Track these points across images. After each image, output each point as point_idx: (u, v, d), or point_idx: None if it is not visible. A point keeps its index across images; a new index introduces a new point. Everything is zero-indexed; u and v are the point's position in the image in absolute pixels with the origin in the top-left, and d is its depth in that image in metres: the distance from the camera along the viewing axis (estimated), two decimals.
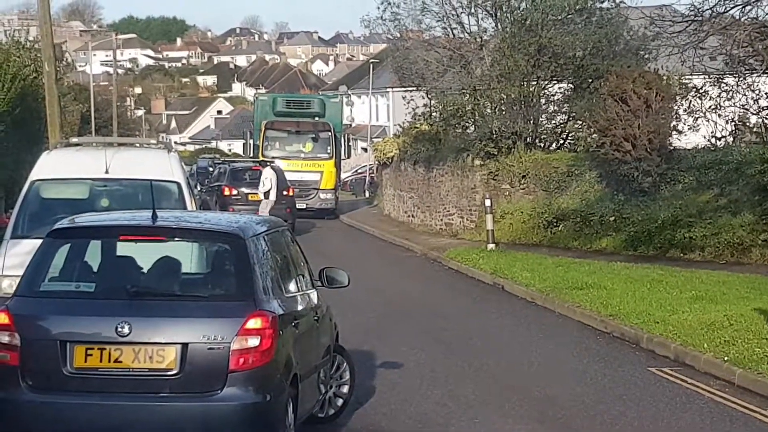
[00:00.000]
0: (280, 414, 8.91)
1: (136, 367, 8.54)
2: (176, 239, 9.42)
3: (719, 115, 28.37)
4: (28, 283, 9.01)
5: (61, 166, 14.65)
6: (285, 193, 35.59)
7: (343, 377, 11.37)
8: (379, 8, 34.97)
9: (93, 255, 9.38)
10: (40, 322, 8.77)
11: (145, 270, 9.27)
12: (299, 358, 9.41)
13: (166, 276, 9.23)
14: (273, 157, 41.26)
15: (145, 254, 9.34)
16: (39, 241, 9.46)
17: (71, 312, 8.80)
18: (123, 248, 9.45)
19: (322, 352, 10.69)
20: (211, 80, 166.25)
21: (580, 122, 32.08)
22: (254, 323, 8.65)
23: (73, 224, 9.66)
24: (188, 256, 9.62)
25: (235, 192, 35.26)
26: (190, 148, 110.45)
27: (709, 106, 28.40)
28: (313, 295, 10.60)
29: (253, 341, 8.61)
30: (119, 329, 8.53)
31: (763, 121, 27.91)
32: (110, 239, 9.39)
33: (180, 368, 8.53)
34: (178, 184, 14.42)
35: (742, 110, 28.28)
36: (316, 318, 10.44)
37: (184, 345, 8.54)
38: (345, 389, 11.37)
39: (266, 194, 32.91)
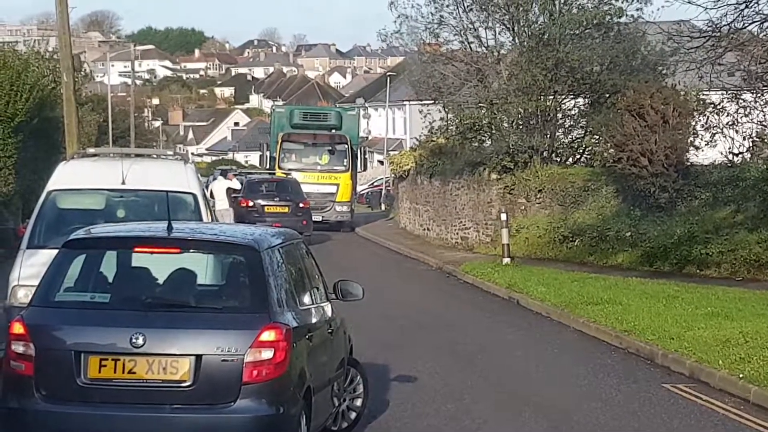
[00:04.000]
0: (293, 427, 8.90)
1: (150, 378, 8.54)
2: (191, 251, 9.40)
3: (737, 131, 28.31)
4: (44, 294, 9.01)
5: (78, 176, 14.68)
6: (301, 205, 35.63)
7: (356, 390, 11.35)
8: (396, 22, 35.02)
9: (108, 266, 9.39)
10: (54, 332, 8.77)
11: (159, 281, 9.28)
12: (313, 371, 9.40)
13: (181, 287, 9.22)
14: (289, 169, 41.35)
15: (160, 265, 9.34)
16: (55, 252, 9.48)
17: (86, 322, 8.79)
18: (138, 259, 9.45)
19: (336, 365, 10.67)
20: (228, 92, 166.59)
21: (597, 137, 32.06)
22: (268, 335, 8.65)
23: (88, 235, 9.68)
24: (203, 268, 9.60)
25: (251, 204, 35.32)
26: (207, 159, 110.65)
27: (727, 122, 28.35)
28: (327, 308, 10.59)
29: (267, 353, 8.61)
30: (133, 340, 8.53)
31: None
32: (125, 250, 9.40)
33: (193, 380, 8.53)
34: (194, 196, 14.45)
35: (759, 126, 28.23)
36: (329, 331, 10.43)
37: (198, 357, 8.54)
38: (358, 402, 11.36)
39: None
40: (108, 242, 9.60)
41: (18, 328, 8.76)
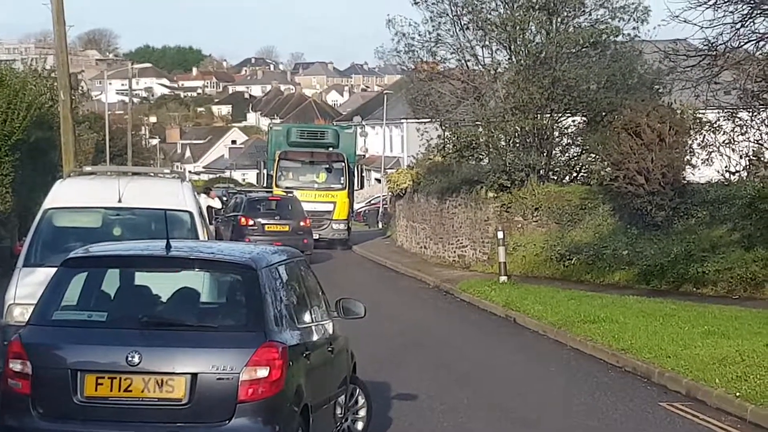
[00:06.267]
0: None
1: (146, 396, 8.54)
2: (189, 269, 9.42)
3: (733, 150, 28.38)
4: (41, 312, 9.03)
5: (75, 194, 14.68)
6: (302, 224, 35.60)
7: (359, 409, 11.40)
8: (393, 39, 35.09)
9: (106, 284, 9.41)
10: (51, 350, 8.79)
11: (157, 300, 9.30)
12: (311, 389, 9.40)
13: (178, 306, 9.24)
14: (287, 187, 41.33)
15: (157, 284, 9.38)
16: (51, 270, 9.43)
17: (83, 341, 8.80)
18: (136, 278, 9.48)
19: (337, 383, 10.68)
20: (225, 110, 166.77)
21: (594, 155, 32.11)
22: (264, 354, 8.66)
23: (87, 254, 9.68)
24: (200, 286, 9.60)
25: (251, 222, 35.30)
26: (204, 177, 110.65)
27: (723, 141, 28.41)
28: (329, 326, 10.60)
29: (263, 372, 8.61)
30: (129, 359, 8.54)
31: None
32: (123, 269, 9.45)
33: (189, 398, 8.53)
34: (191, 214, 14.45)
35: (756, 145, 28.27)
36: (330, 349, 10.43)
37: (194, 375, 8.55)
38: (360, 424, 11.40)
39: None
40: (106, 261, 9.62)
41: (15, 347, 8.79)
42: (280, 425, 8.71)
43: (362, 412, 11.42)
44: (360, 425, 11.38)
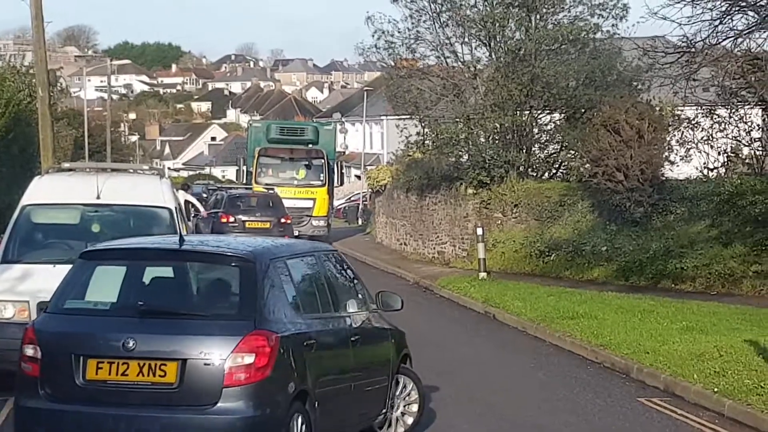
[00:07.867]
0: (280, 428, 9.21)
1: (141, 380, 9.10)
2: (196, 262, 10.00)
3: (711, 146, 28.46)
4: (56, 302, 9.68)
5: (53, 191, 14.68)
6: (283, 220, 35.56)
7: (411, 403, 11.81)
8: (373, 36, 35.07)
9: (116, 276, 9.92)
10: (58, 336, 9.43)
11: (157, 290, 9.84)
12: (316, 377, 9.76)
13: (175, 295, 9.80)
14: (266, 184, 41.24)
15: (160, 275, 9.92)
16: (29, 266, 9.68)
17: (86, 328, 9.43)
18: (142, 269, 9.95)
19: (368, 374, 10.99)
20: (205, 106, 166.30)
21: (573, 152, 32.18)
22: (251, 342, 9.08)
23: (103, 247, 10.56)
24: (201, 277, 10.04)
25: (232, 219, 35.23)
26: (184, 174, 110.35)
27: (702, 137, 28.49)
28: (358, 317, 11.09)
29: (249, 359, 9.03)
30: (126, 345, 9.10)
31: (754, 152, 28.01)
32: (134, 261, 9.98)
33: (179, 382, 9.02)
34: (170, 210, 14.49)
35: (734, 142, 28.37)
36: (353, 339, 10.79)
37: (183, 360, 9.04)
38: (411, 417, 11.81)
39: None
40: (121, 254, 10.22)
41: (29, 333, 9.51)
42: (269, 409, 9.11)
43: (414, 408, 11.84)
44: (410, 420, 11.80)
